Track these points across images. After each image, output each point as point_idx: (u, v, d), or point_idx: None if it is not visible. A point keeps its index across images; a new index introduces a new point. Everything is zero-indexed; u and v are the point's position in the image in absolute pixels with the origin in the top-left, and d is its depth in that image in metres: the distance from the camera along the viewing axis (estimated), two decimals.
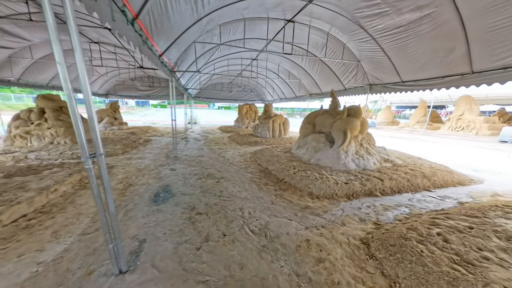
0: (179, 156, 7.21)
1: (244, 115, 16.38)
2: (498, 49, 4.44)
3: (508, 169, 6.78)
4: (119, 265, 2.20)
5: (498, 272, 1.89)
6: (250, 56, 10.18)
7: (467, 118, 16.32)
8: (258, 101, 20.43)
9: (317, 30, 7.27)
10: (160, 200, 3.86)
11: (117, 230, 2.11)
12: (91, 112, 1.80)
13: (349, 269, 2.34)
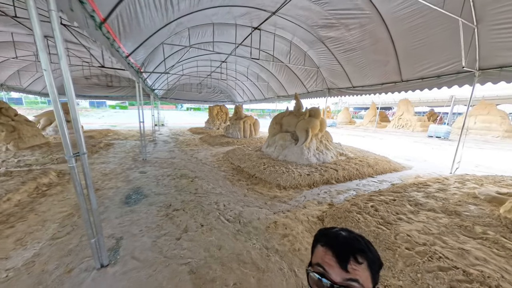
0: (148, 159, 7.08)
1: (215, 116, 16.47)
2: (417, 63, 5.71)
3: (430, 157, 8.55)
4: (101, 260, 2.31)
5: (405, 227, 2.67)
6: (219, 58, 10.46)
7: (406, 118, 19.50)
8: (228, 102, 20.63)
9: (281, 38, 8.00)
10: (132, 202, 3.90)
11: (99, 225, 2.24)
12: (75, 114, 1.98)
13: (307, 239, 2.91)
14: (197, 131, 14.72)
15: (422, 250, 2.26)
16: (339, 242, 0.66)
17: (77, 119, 1.99)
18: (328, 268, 0.63)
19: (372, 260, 0.65)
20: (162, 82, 13.46)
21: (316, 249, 0.70)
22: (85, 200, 2.10)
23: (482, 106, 16.35)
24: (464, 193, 3.58)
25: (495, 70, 4.43)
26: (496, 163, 7.98)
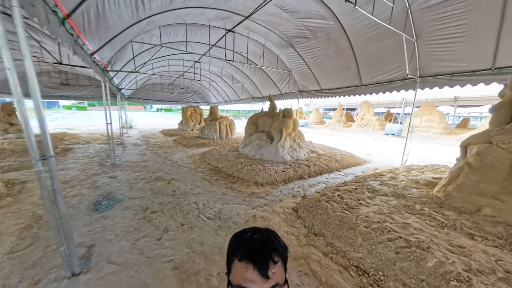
0: (118, 163, 6.68)
1: (189, 117, 16.06)
2: (373, 70, 6.52)
3: (386, 152, 9.76)
4: (72, 268, 2.21)
5: (364, 210, 3.14)
6: (192, 58, 10.31)
7: (367, 118, 21.73)
8: (202, 103, 20.26)
9: (255, 41, 8.29)
10: (103, 208, 3.71)
11: (69, 232, 2.16)
12: (41, 116, 1.88)
13: (283, 228, 3.18)
14: (170, 133, 14.19)
15: (376, 227, 2.71)
16: (256, 250, 0.64)
17: (42, 119, 1.91)
18: (251, 285, 0.60)
19: (283, 253, 0.66)
20: (130, 81, 12.68)
21: (234, 266, 0.65)
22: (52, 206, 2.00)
23: (425, 107, 19.09)
24: (409, 180, 4.30)
25: (431, 77, 5.37)
26: (435, 155, 9.46)
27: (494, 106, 3.14)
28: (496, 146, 2.91)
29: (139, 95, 16.67)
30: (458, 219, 2.82)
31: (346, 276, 2.31)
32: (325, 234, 2.93)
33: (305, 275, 2.33)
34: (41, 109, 1.91)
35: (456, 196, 3.13)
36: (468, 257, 2.17)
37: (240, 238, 0.70)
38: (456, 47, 4.66)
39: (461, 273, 1.98)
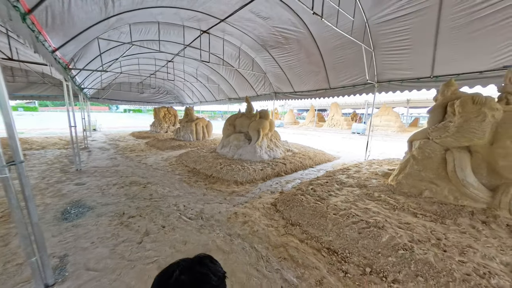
0: (84, 169, 6.21)
1: (162, 119, 15.38)
2: (339, 75, 7.20)
3: (352, 149, 10.77)
4: (45, 280, 2.09)
5: (333, 200, 3.57)
6: (165, 57, 10.00)
7: (336, 118, 23.51)
8: (176, 104, 19.56)
9: (230, 44, 8.43)
10: (72, 216, 3.50)
11: (41, 241, 2.07)
12: (8, 119, 1.81)
13: (264, 221, 3.42)
14: (141, 135, 13.46)
15: (343, 213, 3.13)
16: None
17: (10, 123, 1.84)
18: None
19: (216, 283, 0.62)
20: (94, 80, 11.70)
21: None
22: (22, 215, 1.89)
23: (384, 109, 21.49)
24: (370, 172, 4.93)
25: (386, 83, 6.20)
26: (392, 150, 10.74)
27: (430, 108, 3.85)
28: (431, 141, 3.59)
29: (103, 95, 15.33)
30: (406, 202, 3.40)
31: (319, 257, 2.65)
32: (301, 224, 3.27)
33: (284, 260, 2.60)
34: (10, 112, 1.84)
35: (404, 183, 3.76)
36: (412, 231, 2.68)
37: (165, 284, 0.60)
38: (404, 58, 5.47)
39: (406, 243, 2.46)
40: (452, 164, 3.29)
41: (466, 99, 3.27)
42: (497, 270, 2.11)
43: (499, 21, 3.89)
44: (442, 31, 4.51)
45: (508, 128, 3.03)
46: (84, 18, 4.16)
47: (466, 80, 4.69)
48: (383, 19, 5.11)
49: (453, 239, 2.55)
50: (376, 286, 2.22)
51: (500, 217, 2.88)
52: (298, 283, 2.27)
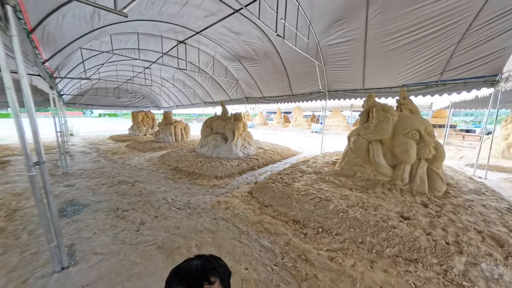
0: (70, 172, 5.95)
1: (140, 122, 14.77)
2: (300, 84, 8.06)
3: (312, 145, 12.02)
4: (61, 262, 2.29)
5: (296, 184, 4.32)
6: (142, 64, 9.72)
7: (299, 120, 25.44)
8: (153, 108, 18.72)
9: (205, 53, 8.68)
10: (70, 213, 3.56)
11: (58, 229, 2.27)
12: (34, 126, 2.03)
13: (242, 206, 3.93)
14: (120, 138, 12.75)
15: (303, 193, 3.87)
16: (191, 274, 0.64)
17: (36, 130, 2.05)
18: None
19: (222, 273, 0.66)
20: (73, 86, 10.74)
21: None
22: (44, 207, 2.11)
23: (335, 112, 24.25)
24: (324, 162, 5.90)
25: (333, 92, 7.31)
26: (340, 144, 12.20)
27: (360, 113, 4.91)
28: (361, 137, 4.62)
29: (80, 100, 13.97)
30: (346, 181, 4.34)
31: (287, 226, 3.29)
32: (272, 205, 3.89)
33: (260, 232, 3.15)
34: (35, 120, 2.02)
35: (345, 168, 4.74)
36: (348, 200, 3.56)
37: (178, 268, 0.67)
38: (345, 74, 6.60)
39: (344, 208, 3.29)
40: (372, 152, 4.36)
41: (379, 107, 4.39)
42: (392, 216, 3.08)
43: (399, 53, 5.19)
44: (367, 56, 5.67)
45: (400, 127, 4.22)
46: (72, 32, 4.16)
47: (382, 93, 6.04)
48: (330, 42, 6.08)
49: (371, 201, 3.50)
50: (325, 239, 2.97)
51: (397, 185, 4.02)
52: (271, 246, 2.82)
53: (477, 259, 2.38)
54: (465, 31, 4.22)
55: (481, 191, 4.07)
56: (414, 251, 2.56)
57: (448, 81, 4.98)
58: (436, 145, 4.07)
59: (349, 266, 2.46)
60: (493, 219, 3.10)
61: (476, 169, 6.24)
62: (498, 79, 4.40)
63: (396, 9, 4.44)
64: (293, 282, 2.24)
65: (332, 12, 5.11)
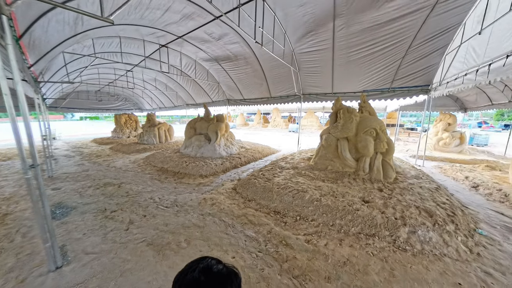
0: (55, 175, 5.62)
1: (123, 125, 14.10)
2: (277, 87, 8.35)
3: (289, 143, 12.61)
4: (55, 262, 2.28)
5: (276, 179, 4.65)
6: (124, 67, 9.22)
7: (277, 120, 26.25)
8: (135, 110, 17.76)
9: (187, 56, 8.53)
10: (59, 216, 3.44)
11: (52, 230, 2.26)
12: (29, 131, 2.02)
13: (227, 201, 4.10)
14: (103, 141, 12.09)
15: (283, 187, 4.20)
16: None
17: (31, 134, 2.02)
18: None
19: None
20: (55, 90, 9.76)
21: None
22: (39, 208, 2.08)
23: (309, 113, 25.59)
24: (300, 158, 6.35)
25: (307, 95, 7.83)
26: (314, 142, 12.97)
27: (330, 114, 5.42)
28: (331, 135, 5.12)
29: (61, 103, 12.90)
30: (319, 174, 4.79)
31: (268, 217, 3.54)
32: (255, 199, 4.14)
33: (245, 224, 3.34)
34: (29, 125, 1.98)
35: (318, 162, 5.21)
36: (321, 190, 3.99)
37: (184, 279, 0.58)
38: (317, 79, 7.12)
39: (318, 197, 3.69)
40: (340, 148, 4.89)
41: (345, 109, 4.92)
42: (356, 201, 3.58)
43: (360, 63, 5.85)
44: (335, 64, 6.24)
45: (361, 126, 4.86)
46: (56, 37, 3.98)
47: (348, 97, 6.72)
48: (303, 50, 6.49)
49: (340, 190, 3.98)
50: (303, 225, 3.29)
51: (360, 175, 4.60)
52: (255, 235, 3.03)
53: (415, 228, 2.93)
54: (407, 49, 4.97)
55: (420, 176, 4.85)
56: (372, 227, 3.04)
57: (397, 89, 5.78)
58: (388, 141, 4.73)
59: (323, 246, 2.78)
60: (427, 197, 3.77)
61: (416, 159, 7.44)
62: (430, 88, 5.30)
63: (357, 25, 4.98)
64: (275, 265, 2.44)
65: (304, 24, 5.48)
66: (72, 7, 2.12)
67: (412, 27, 4.58)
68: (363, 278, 2.28)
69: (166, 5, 4.84)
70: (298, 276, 2.29)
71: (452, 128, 9.47)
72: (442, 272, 2.36)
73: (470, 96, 9.70)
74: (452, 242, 2.76)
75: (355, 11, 4.64)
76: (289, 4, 4.86)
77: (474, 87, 4.93)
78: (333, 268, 2.42)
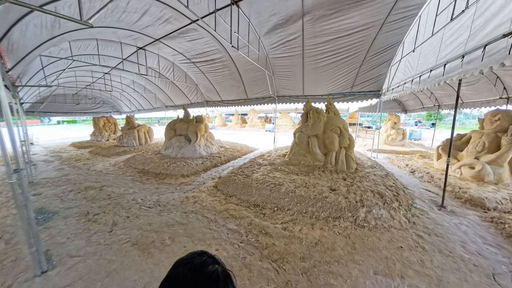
0: (35, 181, 5.28)
1: (102, 128, 13.20)
2: (253, 89, 8.61)
3: (266, 142, 13.00)
4: (41, 266, 2.24)
5: (255, 175, 4.95)
6: (101, 69, 8.64)
7: (254, 121, 26.89)
8: (114, 113, 16.60)
9: (165, 59, 8.30)
10: (41, 221, 3.30)
11: (37, 234, 2.23)
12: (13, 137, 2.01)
13: (209, 199, 4.22)
14: (82, 145, 11.27)
15: (261, 182, 4.50)
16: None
17: (14, 140, 1.99)
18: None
19: None
20: (32, 94, 8.62)
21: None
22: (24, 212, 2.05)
23: (283, 113, 26.70)
24: (276, 155, 6.79)
25: (281, 97, 8.32)
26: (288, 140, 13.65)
27: (301, 114, 5.94)
28: (303, 133, 5.65)
29: (38, 108, 11.85)
30: (293, 169, 5.26)
31: (249, 210, 3.73)
32: (235, 194, 4.34)
33: (227, 218, 3.46)
34: (13, 131, 1.94)
35: (292, 158, 5.70)
36: (295, 183, 4.40)
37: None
38: (290, 82, 7.62)
39: (293, 189, 4.06)
40: (311, 144, 5.45)
41: (314, 110, 5.48)
42: (325, 190, 4.05)
43: (326, 70, 6.52)
44: (305, 69, 6.79)
45: (328, 125, 5.49)
46: (34, 40, 3.82)
47: (317, 99, 7.42)
48: (276, 56, 6.87)
49: (311, 181, 4.43)
50: (280, 215, 3.54)
51: (327, 167, 5.21)
52: (237, 228, 3.14)
53: (371, 207, 3.47)
54: (363, 59, 5.73)
55: (374, 166, 5.67)
56: (338, 211, 3.48)
57: (356, 93, 6.59)
58: (350, 137, 5.40)
59: (297, 231, 3.07)
60: (379, 182, 4.46)
61: (372, 152, 8.54)
62: (381, 93, 6.20)
63: (324, 36, 5.48)
64: (256, 252, 2.59)
65: (276, 30, 5.75)
66: (51, 11, 2.11)
67: (366, 41, 5.30)
68: (332, 254, 2.61)
69: (143, 8, 4.78)
70: (277, 260, 2.49)
71: (397, 126, 11.24)
72: (389, 240, 2.88)
73: (409, 100, 11.73)
74: (396, 216, 3.36)
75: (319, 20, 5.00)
76: (261, 13, 5.11)
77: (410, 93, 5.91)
78: (307, 249, 2.69)
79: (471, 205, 4.01)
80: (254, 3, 4.76)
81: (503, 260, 2.58)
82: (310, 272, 2.31)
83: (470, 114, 28.24)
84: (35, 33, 3.72)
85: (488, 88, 6.61)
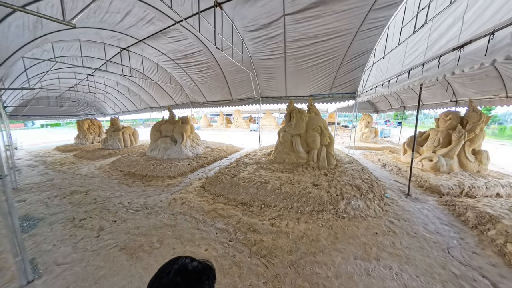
0: (19, 187, 5.00)
1: (86, 130, 12.61)
2: (238, 90, 8.62)
3: (251, 141, 13.13)
4: (27, 276, 2.18)
5: (242, 174, 5.07)
6: (85, 71, 8.21)
7: (239, 121, 27.00)
8: (98, 115, 15.77)
9: (149, 60, 8.02)
10: (26, 229, 3.18)
11: (22, 242, 2.16)
12: None
13: (197, 199, 4.23)
14: (67, 149, 10.73)
15: (248, 180, 4.62)
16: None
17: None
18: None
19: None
20: (15, 97, 7.88)
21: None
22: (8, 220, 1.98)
23: (267, 114, 27.23)
24: (262, 154, 7.00)
25: (265, 98, 8.49)
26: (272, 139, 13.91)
27: (285, 114, 6.19)
28: (286, 132, 5.89)
29: (21, 111, 10.95)
30: (278, 167, 5.49)
31: (237, 209, 3.79)
32: (223, 194, 4.40)
33: (215, 218, 3.49)
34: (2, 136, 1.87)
35: (277, 156, 5.94)
36: (280, 180, 4.59)
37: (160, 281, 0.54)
38: (273, 83, 7.80)
39: (278, 186, 4.22)
40: (294, 143, 5.73)
41: (296, 110, 5.76)
42: (308, 186, 4.28)
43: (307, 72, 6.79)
44: (287, 72, 7.01)
45: (310, 124, 5.79)
46: (16, 42, 3.66)
47: (299, 100, 7.70)
48: (259, 58, 6.94)
49: (296, 178, 4.65)
50: (267, 212, 3.63)
51: (310, 164, 5.53)
52: (226, 227, 3.17)
53: (350, 200, 3.75)
54: (340, 63, 6.08)
55: (351, 162, 6.11)
56: (321, 204, 3.69)
57: (334, 94, 6.98)
58: (330, 136, 5.75)
59: (284, 226, 3.20)
60: (356, 176, 4.82)
61: (349, 149, 9.21)
62: (356, 95, 6.67)
63: (304, 40, 5.65)
64: (245, 249, 2.64)
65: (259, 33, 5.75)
66: (34, 11, 2.03)
67: (343, 47, 5.62)
68: (316, 245, 2.76)
69: (126, 9, 4.64)
70: (265, 255, 2.56)
71: (370, 125, 12.48)
72: (366, 228, 3.17)
73: (379, 102, 12.97)
74: (371, 206, 3.69)
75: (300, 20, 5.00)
76: (245, 15, 5.12)
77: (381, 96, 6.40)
78: (293, 242, 2.81)
79: (431, 192, 4.55)
80: (237, 6, 4.79)
81: (454, 235, 3.02)
82: (297, 264, 2.44)
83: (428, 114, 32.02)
84: (17, 34, 3.55)
85: (441, 92, 7.56)
